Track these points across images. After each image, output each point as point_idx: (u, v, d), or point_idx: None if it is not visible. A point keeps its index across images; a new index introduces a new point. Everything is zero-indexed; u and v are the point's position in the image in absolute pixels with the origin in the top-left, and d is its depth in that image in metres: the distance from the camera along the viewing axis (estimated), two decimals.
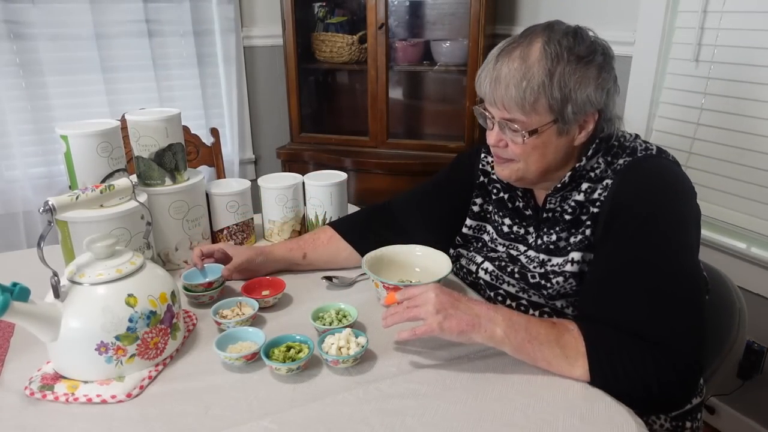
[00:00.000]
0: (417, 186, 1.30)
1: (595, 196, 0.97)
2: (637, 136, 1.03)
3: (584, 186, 0.99)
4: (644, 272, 0.88)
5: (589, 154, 0.98)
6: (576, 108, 0.92)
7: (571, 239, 0.99)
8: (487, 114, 1.00)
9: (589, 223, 0.97)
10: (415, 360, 0.93)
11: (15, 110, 2.13)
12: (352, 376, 0.89)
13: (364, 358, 0.93)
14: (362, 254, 1.15)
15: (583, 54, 0.92)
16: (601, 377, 0.84)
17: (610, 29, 1.95)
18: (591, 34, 0.96)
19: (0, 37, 2.05)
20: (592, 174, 0.99)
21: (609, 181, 0.96)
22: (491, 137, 1.00)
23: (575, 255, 0.97)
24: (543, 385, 0.86)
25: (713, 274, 1.14)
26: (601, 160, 0.99)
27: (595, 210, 0.96)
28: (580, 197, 0.99)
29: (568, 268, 0.98)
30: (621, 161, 0.97)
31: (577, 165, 0.99)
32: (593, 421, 0.79)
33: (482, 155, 1.19)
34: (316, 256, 1.23)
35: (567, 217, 1.00)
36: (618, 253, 0.92)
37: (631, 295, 0.88)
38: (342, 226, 1.26)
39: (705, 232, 1.72)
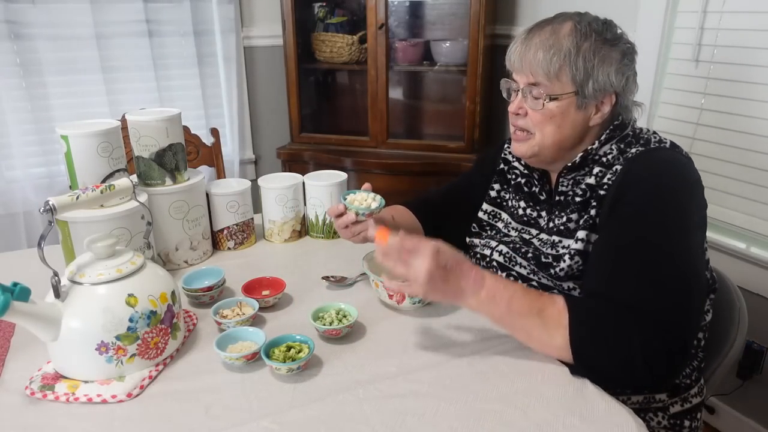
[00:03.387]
0: (450, 181, 1.36)
1: (605, 180, 0.99)
2: (655, 132, 1.05)
3: (596, 170, 1.01)
4: (641, 249, 0.90)
5: (603, 138, 1.01)
6: (596, 85, 0.97)
7: (580, 221, 1.02)
8: (512, 84, 1.04)
9: (594, 203, 0.99)
10: (415, 360, 0.93)
11: (15, 110, 2.13)
12: (353, 376, 0.89)
13: (364, 359, 0.93)
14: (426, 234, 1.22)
15: (609, 38, 0.98)
16: (581, 345, 0.85)
17: None
18: (619, 30, 1.02)
19: (0, 37, 2.05)
20: (605, 159, 1.01)
21: (619, 167, 0.98)
22: (513, 104, 1.05)
23: (581, 233, 1.00)
24: (543, 385, 0.86)
25: (713, 274, 1.14)
26: (614, 147, 1.01)
27: (602, 192, 0.99)
28: (592, 180, 1.01)
29: (573, 245, 1.00)
30: (633, 150, 0.99)
31: (589, 147, 1.02)
32: (593, 421, 0.79)
33: (505, 146, 1.24)
34: (401, 220, 1.25)
35: (578, 199, 1.02)
36: (618, 231, 0.94)
37: (626, 270, 0.90)
38: (412, 206, 1.30)
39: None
